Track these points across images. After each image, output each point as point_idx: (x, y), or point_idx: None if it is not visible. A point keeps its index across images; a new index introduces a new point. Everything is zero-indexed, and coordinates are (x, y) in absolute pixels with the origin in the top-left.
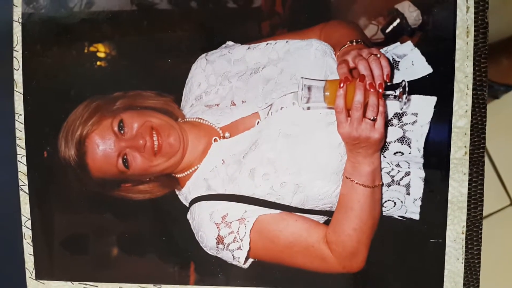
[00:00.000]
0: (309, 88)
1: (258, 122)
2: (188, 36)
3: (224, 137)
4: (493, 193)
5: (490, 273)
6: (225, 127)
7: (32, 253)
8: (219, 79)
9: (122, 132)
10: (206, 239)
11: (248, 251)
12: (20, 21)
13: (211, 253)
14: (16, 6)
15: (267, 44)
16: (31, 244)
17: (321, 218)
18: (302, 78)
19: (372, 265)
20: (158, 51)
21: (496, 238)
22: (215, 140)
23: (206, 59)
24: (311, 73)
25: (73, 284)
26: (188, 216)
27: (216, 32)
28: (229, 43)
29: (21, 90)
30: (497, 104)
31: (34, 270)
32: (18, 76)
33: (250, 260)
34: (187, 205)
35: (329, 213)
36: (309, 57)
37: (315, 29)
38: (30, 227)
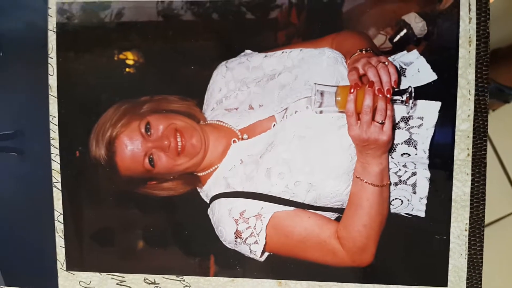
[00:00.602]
0: (322, 93)
1: (274, 125)
2: (210, 45)
3: (242, 139)
4: (504, 196)
5: (492, 270)
6: (244, 129)
7: (64, 246)
8: (238, 84)
9: (148, 133)
10: (225, 234)
11: (264, 245)
12: (55, 30)
13: (229, 247)
14: (51, 16)
15: (282, 52)
16: (63, 237)
17: (333, 215)
18: (315, 84)
19: (381, 260)
20: (182, 59)
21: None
22: (234, 141)
23: (226, 66)
24: (324, 80)
25: (101, 275)
26: (209, 212)
27: (235, 41)
28: (248, 51)
29: (55, 94)
30: (508, 108)
31: (65, 262)
32: (52, 81)
33: (266, 254)
34: (208, 202)
35: (340, 210)
36: (321, 64)
37: (327, 38)
38: (62, 221)
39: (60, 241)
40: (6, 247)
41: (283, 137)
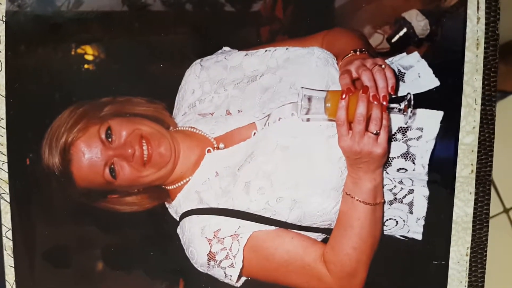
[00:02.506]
0: (309, 99)
1: (255, 133)
2: (182, 40)
3: (218, 148)
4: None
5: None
6: (220, 137)
7: (13, 265)
8: (214, 86)
9: (109, 140)
10: (197, 255)
11: (241, 269)
12: (4, 19)
13: (201, 270)
14: (0, 4)
15: (266, 50)
16: (12, 255)
17: (319, 236)
18: (302, 88)
19: (372, 287)
20: (150, 55)
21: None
22: (208, 151)
23: (201, 65)
24: (312, 83)
25: None
26: (178, 230)
27: (212, 36)
28: (226, 48)
29: (3, 93)
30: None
31: (14, 283)
32: (0, 78)
33: (243, 279)
34: (178, 219)
35: (327, 231)
36: (310, 65)
37: (317, 36)
38: (11, 238)
39: (8, 260)
40: None
41: (265, 147)
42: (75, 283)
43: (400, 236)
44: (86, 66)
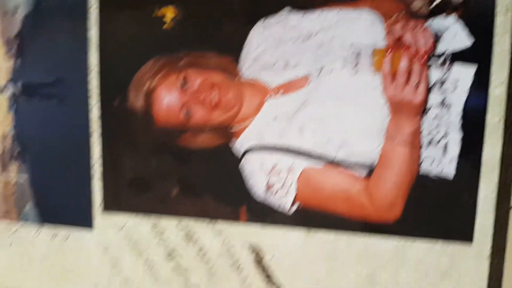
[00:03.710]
0: (358, 54)
1: (309, 83)
2: (249, 1)
3: (276, 96)
4: None
5: None
6: (278, 86)
7: (101, 189)
8: (275, 42)
9: (185, 87)
10: (257, 186)
11: (294, 198)
12: None
13: (260, 198)
14: None
15: (321, 12)
16: (100, 180)
17: (363, 172)
18: (351, 44)
19: (408, 216)
20: (221, 16)
21: None
22: (268, 98)
23: (264, 24)
24: (361, 41)
25: (136, 217)
26: (241, 165)
27: None
28: (286, 10)
29: (96, 45)
30: None
31: (101, 203)
32: (94, 32)
33: (295, 206)
34: (241, 155)
35: (370, 168)
36: (359, 25)
37: (366, 0)
38: (100, 166)
39: (97, 184)
40: (45, 187)
41: (318, 96)
42: (154, 204)
43: (434, 174)
44: (166, 25)
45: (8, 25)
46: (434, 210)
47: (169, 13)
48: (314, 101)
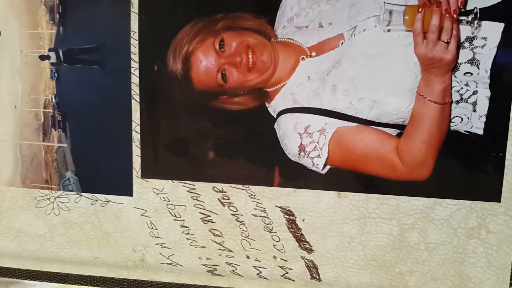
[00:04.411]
0: (391, 12)
1: (342, 43)
2: None
3: (310, 56)
4: None
5: None
6: (312, 47)
7: (139, 155)
8: (309, 3)
9: (222, 50)
10: (290, 147)
11: (326, 159)
12: None
13: (293, 160)
14: None
15: None
16: (139, 146)
17: (394, 131)
18: (384, 3)
19: (438, 175)
20: None
21: None
22: (302, 58)
23: None
24: None
25: (173, 182)
26: (275, 126)
27: None
28: None
29: (136, 11)
30: None
31: (140, 170)
32: None
33: (328, 167)
34: (275, 116)
35: (401, 127)
36: None
37: None
38: (139, 132)
39: (136, 150)
40: (86, 155)
41: (350, 55)
42: (191, 169)
43: (464, 131)
44: None
45: None
46: (463, 169)
47: None
48: (347, 61)
